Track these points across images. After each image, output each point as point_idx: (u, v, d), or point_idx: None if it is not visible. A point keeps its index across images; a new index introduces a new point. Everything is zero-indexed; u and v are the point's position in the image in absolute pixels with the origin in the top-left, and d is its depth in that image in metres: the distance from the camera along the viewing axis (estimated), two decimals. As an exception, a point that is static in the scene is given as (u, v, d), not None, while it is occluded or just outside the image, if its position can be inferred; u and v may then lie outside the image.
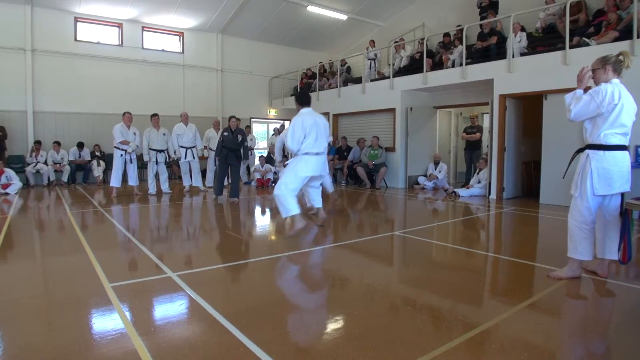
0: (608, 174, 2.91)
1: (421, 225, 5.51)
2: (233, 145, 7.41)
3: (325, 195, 5.98)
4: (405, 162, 9.97)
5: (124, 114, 8.09)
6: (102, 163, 10.72)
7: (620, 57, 2.98)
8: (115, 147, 8.00)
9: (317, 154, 4.82)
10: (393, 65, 10.61)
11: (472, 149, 9.56)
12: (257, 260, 3.77)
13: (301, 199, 5.74)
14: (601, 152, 2.93)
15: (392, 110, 10.02)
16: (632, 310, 2.61)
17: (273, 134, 13.01)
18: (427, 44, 9.59)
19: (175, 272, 3.22)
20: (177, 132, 8.59)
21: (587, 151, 3.00)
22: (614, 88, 2.89)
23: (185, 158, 8.66)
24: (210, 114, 12.56)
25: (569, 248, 3.10)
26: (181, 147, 8.58)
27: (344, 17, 12.52)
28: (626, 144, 2.99)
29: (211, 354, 2.00)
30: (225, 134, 7.47)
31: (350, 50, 13.91)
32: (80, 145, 10.61)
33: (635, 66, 5.97)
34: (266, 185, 10.05)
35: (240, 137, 7.48)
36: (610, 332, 2.29)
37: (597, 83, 3.02)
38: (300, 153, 4.78)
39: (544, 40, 7.78)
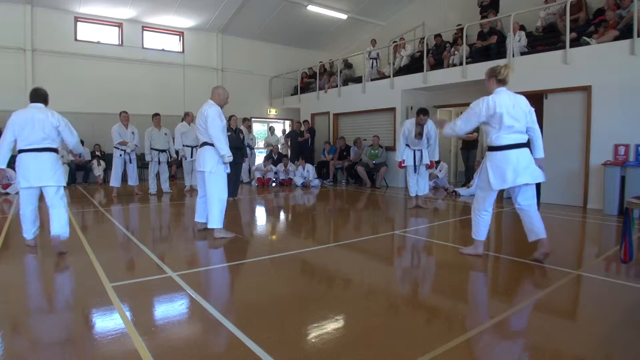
0: (501, 170, 3.30)
1: (422, 224, 5.51)
2: (238, 144, 7.48)
3: None
4: (405, 162, 9.95)
5: (120, 113, 8.04)
6: (102, 163, 10.71)
7: (505, 71, 3.37)
8: (115, 147, 7.98)
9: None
10: (393, 64, 10.60)
11: (469, 149, 9.56)
12: (257, 260, 3.78)
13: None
14: (493, 153, 3.36)
15: (393, 109, 10.01)
16: (632, 310, 2.61)
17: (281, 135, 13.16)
18: (427, 43, 9.57)
19: (175, 272, 3.22)
20: (182, 130, 8.45)
21: (486, 152, 3.44)
22: (490, 99, 3.30)
23: (191, 157, 8.47)
24: (211, 114, 12.54)
25: (473, 231, 3.64)
26: (186, 146, 8.46)
27: (344, 16, 12.51)
28: (520, 141, 3.33)
29: (211, 354, 2.00)
30: (229, 133, 7.47)
31: (351, 49, 13.90)
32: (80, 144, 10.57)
33: (636, 66, 6.05)
34: (266, 185, 10.05)
35: (242, 135, 7.61)
36: (611, 332, 2.29)
37: (486, 90, 3.46)
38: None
39: (544, 39, 7.77)
